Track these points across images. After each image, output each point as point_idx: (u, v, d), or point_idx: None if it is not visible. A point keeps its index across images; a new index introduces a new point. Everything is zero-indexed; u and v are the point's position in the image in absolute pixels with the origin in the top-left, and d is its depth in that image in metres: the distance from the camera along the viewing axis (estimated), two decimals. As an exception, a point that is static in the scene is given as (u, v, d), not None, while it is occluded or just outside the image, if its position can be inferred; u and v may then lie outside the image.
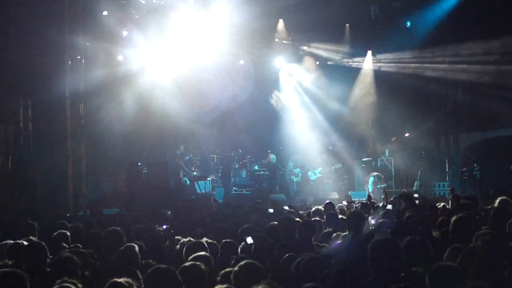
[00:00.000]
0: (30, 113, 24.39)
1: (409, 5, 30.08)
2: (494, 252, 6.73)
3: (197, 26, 27.64)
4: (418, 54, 31.26)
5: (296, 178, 29.62)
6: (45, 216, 19.72)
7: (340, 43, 31.91)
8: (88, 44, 26.03)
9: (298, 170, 29.87)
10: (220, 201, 24.50)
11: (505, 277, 6.35)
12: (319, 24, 29.71)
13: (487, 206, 12.78)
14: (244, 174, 30.28)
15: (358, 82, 33.39)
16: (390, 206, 13.53)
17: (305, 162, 30.56)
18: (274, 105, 32.88)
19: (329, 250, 8.82)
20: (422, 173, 29.99)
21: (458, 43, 30.10)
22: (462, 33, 29.68)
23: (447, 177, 30.22)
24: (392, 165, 30.54)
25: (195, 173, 29.01)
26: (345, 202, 17.90)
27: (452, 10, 29.52)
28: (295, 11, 29.09)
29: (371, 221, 9.80)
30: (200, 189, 27.79)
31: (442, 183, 29.08)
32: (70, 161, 24.26)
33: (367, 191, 27.57)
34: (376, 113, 33.08)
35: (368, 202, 15.63)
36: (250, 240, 8.52)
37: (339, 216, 12.80)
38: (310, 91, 32.86)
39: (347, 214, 12.89)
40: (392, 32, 31.30)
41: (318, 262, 7.54)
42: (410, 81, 31.55)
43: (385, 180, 29.40)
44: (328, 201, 17.09)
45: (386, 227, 9.47)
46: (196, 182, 28.17)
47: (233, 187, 29.65)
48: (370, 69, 32.98)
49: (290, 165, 30.00)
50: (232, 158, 30.56)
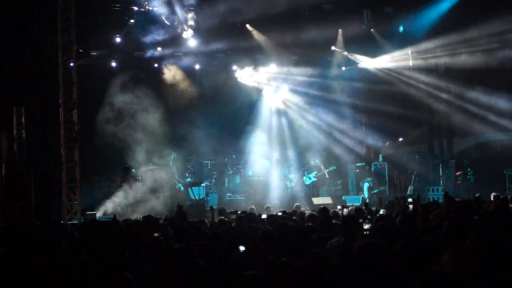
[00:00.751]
0: (23, 120, 24.40)
1: (401, 10, 30.13)
2: (488, 255, 6.73)
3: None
4: (411, 57, 31.43)
5: (290, 183, 29.61)
6: (39, 223, 19.72)
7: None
8: (81, 51, 26.13)
9: (292, 175, 29.86)
10: (214, 207, 24.46)
11: (500, 280, 6.35)
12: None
13: (481, 210, 12.83)
14: (238, 179, 30.26)
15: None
16: (382, 211, 13.56)
17: (299, 167, 30.57)
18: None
19: (323, 255, 8.79)
20: (416, 177, 30.06)
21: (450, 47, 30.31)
22: (455, 37, 29.79)
23: (441, 181, 30.26)
24: (386, 170, 30.59)
25: (189, 179, 28.98)
26: (339, 207, 17.89)
27: (444, 15, 29.61)
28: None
29: (365, 226, 9.76)
30: (194, 195, 27.77)
31: (436, 188, 29.14)
32: (64, 168, 24.25)
33: (362, 196, 27.64)
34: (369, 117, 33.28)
35: (362, 207, 15.66)
36: (242, 248, 8.54)
37: (333, 221, 12.80)
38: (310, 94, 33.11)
39: (341, 219, 12.89)
40: (384, 37, 31.39)
41: (312, 267, 7.53)
42: (403, 85, 31.71)
43: (379, 185, 29.46)
44: (322, 206, 17.10)
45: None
46: (190, 188, 28.15)
47: (227, 193, 29.63)
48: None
49: (285, 170, 29.98)
50: (226, 163, 30.53)
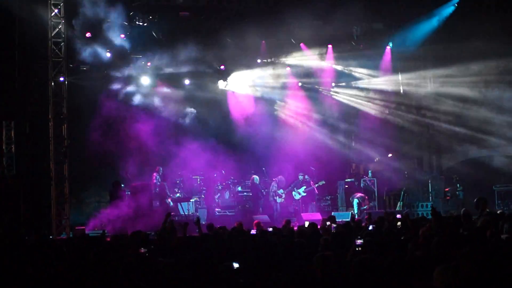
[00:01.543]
0: (13, 134, 24.37)
1: (390, 26, 30.27)
2: (478, 270, 6.75)
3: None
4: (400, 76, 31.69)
5: (279, 199, 29.57)
6: (28, 238, 19.63)
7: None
8: (71, 65, 26.17)
9: (281, 191, 29.83)
10: (203, 222, 24.39)
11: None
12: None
13: (470, 226, 12.86)
14: (227, 195, 30.21)
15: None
16: (371, 227, 13.59)
17: (288, 183, 30.56)
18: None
19: (310, 269, 8.80)
20: (405, 193, 30.11)
21: (439, 65, 30.56)
22: (443, 55, 30.00)
23: (430, 197, 30.32)
24: (375, 185, 30.64)
25: (178, 194, 28.92)
26: (328, 223, 17.90)
27: (433, 32, 29.80)
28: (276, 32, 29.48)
29: (357, 241, 9.80)
30: (183, 210, 27.72)
31: (425, 203, 29.22)
32: (53, 182, 24.20)
33: (352, 212, 27.64)
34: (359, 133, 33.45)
35: (352, 223, 15.69)
36: (236, 265, 8.53)
37: (323, 236, 12.83)
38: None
39: (331, 234, 12.93)
40: (373, 53, 31.56)
41: (300, 281, 7.55)
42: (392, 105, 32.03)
43: (368, 200, 29.47)
44: (311, 221, 17.11)
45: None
46: (179, 203, 28.09)
47: (216, 209, 29.57)
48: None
49: (274, 186, 29.95)
50: (215, 179, 30.48)
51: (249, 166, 31.20)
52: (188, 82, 31.19)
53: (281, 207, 29.44)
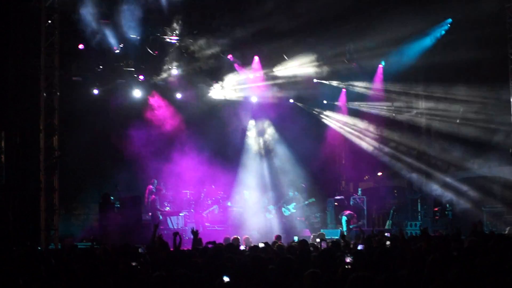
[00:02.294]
0: (3, 144, 24.29)
1: (383, 45, 30.37)
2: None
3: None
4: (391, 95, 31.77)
5: (269, 214, 29.55)
6: (16, 248, 19.54)
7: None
8: (63, 76, 26.16)
9: (271, 207, 29.83)
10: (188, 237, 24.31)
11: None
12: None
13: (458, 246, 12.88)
14: (217, 210, 30.12)
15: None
16: (361, 247, 13.57)
17: (278, 199, 30.56)
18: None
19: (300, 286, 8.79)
20: (394, 212, 30.16)
21: (430, 84, 30.68)
22: (434, 74, 30.11)
23: (419, 216, 30.36)
24: (364, 203, 30.68)
25: (168, 208, 28.85)
26: (318, 240, 17.90)
27: (426, 51, 29.91)
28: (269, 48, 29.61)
29: (347, 259, 9.80)
30: (172, 224, 27.65)
31: (414, 223, 29.25)
32: (43, 193, 24.12)
33: (341, 230, 27.64)
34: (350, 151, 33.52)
35: (340, 241, 15.68)
36: (226, 279, 8.52)
37: (313, 253, 12.82)
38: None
39: (320, 252, 12.91)
40: (365, 71, 31.64)
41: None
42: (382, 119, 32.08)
43: (357, 218, 29.47)
44: (301, 238, 17.13)
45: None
46: (168, 217, 28.04)
47: (205, 223, 29.48)
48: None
49: (264, 201, 29.92)
50: (205, 193, 30.40)
51: (239, 182, 31.14)
52: (180, 95, 31.15)
53: (270, 223, 29.38)
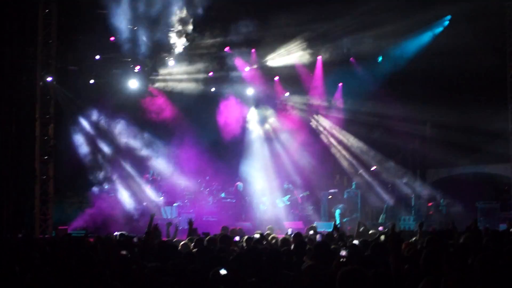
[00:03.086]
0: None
1: (380, 40, 30.29)
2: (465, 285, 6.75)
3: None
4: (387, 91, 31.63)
5: (263, 206, 29.59)
6: (10, 237, 19.57)
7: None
8: (60, 66, 26.10)
9: (265, 198, 29.86)
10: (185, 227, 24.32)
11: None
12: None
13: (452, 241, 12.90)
14: (211, 201, 30.11)
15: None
16: (356, 242, 13.56)
17: (272, 190, 30.56)
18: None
19: (296, 279, 8.80)
20: (388, 206, 30.19)
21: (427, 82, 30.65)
22: (431, 71, 30.06)
23: (413, 211, 30.38)
24: (358, 197, 30.69)
25: (162, 198, 28.87)
26: (311, 232, 17.90)
27: (423, 48, 29.87)
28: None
29: (342, 252, 9.80)
30: (166, 214, 27.68)
31: (407, 217, 29.27)
32: (38, 182, 24.12)
33: (334, 223, 27.66)
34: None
35: (335, 234, 15.66)
36: (223, 271, 8.51)
37: (307, 246, 12.84)
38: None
39: (314, 244, 12.91)
40: (363, 66, 31.58)
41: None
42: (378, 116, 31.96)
43: (351, 212, 29.49)
44: (296, 231, 17.14)
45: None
46: (162, 207, 28.07)
47: (204, 215, 29.43)
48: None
49: (258, 193, 29.94)
50: (199, 184, 30.38)
51: (233, 173, 31.12)
52: (178, 86, 31.07)
53: (264, 215, 29.39)
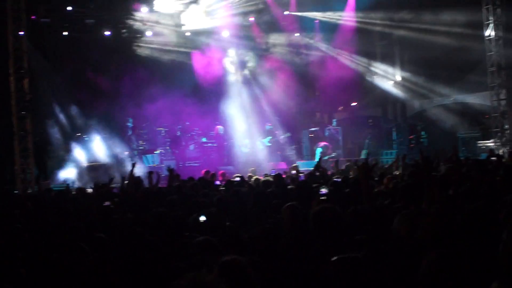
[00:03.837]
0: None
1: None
2: (447, 218, 6.71)
3: None
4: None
5: (245, 148, 29.58)
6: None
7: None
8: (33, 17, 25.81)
9: (247, 141, 29.84)
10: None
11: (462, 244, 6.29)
12: None
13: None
14: (192, 146, 30.05)
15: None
16: (339, 179, 13.57)
17: (253, 132, 30.49)
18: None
19: (277, 221, 8.78)
20: (370, 141, 30.23)
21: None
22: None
23: (395, 145, 30.45)
24: (340, 134, 30.69)
25: (142, 146, 28.81)
26: (293, 172, 17.93)
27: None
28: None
29: (322, 191, 9.77)
30: (148, 162, 27.67)
31: (389, 151, 29.36)
32: (17, 137, 23.95)
33: (316, 161, 27.70)
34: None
35: (316, 173, 15.67)
36: (203, 218, 8.47)
37: (289, 186, 12.85)
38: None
39: (295, 184, 12.92)
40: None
41: (266, 233, 7.53)
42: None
43: (333, 149, 29.50)
44: (277, 171, 17.14)
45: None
46: (143, 155, 28.05)
47: (186, 161, 29.44)
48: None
49: (239, 136, 29.91)
50: (179, 130, 30.26)
51: (213, 117, 30.98)
52: (150, 33, 30.78)
53: (246, 157, 29.38)
